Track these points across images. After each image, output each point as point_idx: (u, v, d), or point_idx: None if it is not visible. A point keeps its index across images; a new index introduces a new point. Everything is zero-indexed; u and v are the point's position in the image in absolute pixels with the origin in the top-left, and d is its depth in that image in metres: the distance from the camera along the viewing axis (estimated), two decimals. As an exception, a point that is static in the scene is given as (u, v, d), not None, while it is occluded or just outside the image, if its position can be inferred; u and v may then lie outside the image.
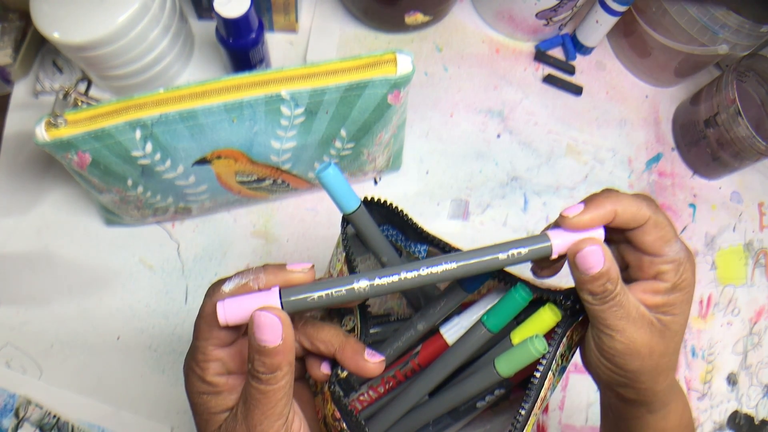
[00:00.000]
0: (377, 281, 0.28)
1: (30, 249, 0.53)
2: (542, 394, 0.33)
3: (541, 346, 0.33)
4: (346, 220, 0.36)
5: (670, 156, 0.66)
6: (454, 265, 0.29)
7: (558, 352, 0.33)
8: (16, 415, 0.49)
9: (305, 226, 0.57)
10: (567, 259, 0.30)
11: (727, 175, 0.66)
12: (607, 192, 0.29)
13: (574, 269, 0.29)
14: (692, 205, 0.65)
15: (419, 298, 0.39)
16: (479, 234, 0.58)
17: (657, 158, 0.66)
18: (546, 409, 0.55)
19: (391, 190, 0.59)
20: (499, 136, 0.63)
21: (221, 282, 0.28)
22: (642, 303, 0.29)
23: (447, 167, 0.61)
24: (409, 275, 0.28)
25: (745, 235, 0.65)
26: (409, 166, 0.60)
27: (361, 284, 0.28)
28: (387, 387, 0.40)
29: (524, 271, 0.35)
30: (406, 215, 0.36)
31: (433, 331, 0.38)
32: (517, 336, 0.34)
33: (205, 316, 0.27)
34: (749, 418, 0.59)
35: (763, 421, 0.59)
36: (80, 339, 0.51)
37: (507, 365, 0.33)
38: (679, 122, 0.67)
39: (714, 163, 0.63)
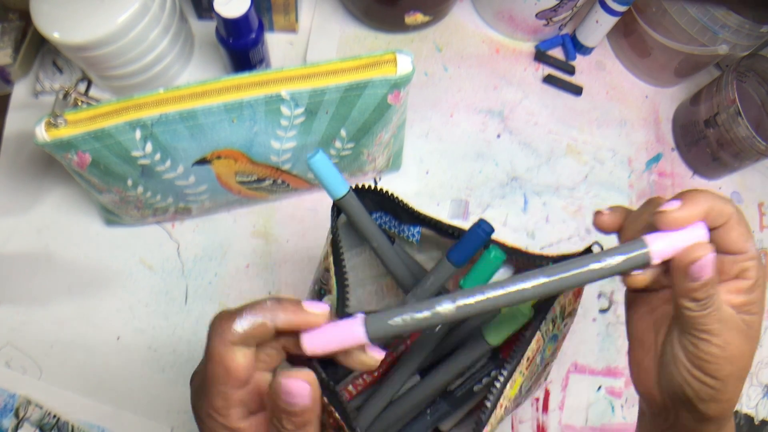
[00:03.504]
0: (461, 302, 0.26)
1: (30, 249, 0.53)
2: (529, 353, 0.33)
3: (526, 310, 0.34)
4: (337, 208, 0.37)
5: (670, 156, 0.66)
6: (543, 280, 0.27)
7: (548, 317, 0.34)
8: (16, 415, 0.49)
9: (305, 226, 0.57)
10: (671, 265, 0.28)
11: (727, 175, 0.66)
12: (695, 190, 0.29)
13: (682, 277, 0.27)
14: (692, 205, 0.65)
15: (411, 282, 0.40)
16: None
17: (657, 158, 0.66)
18: (546, 409, 0.55)
19: (391, 190, 0.59)
20: (499, 136, 0.63)
21: (229, 318, 0.26)
22: (727, 304, 0.28)
23: (447, 167, 0.61)
24: (496, 293, 0.27)
25: (745, 235, 0.65)
26: (409, 166, 0.60)
27: (445, 307, 0.26)
28: (380, 370, 0.40)
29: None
30: (397, 198, 0.38)
31: None
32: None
33: (221, 360, 0.25)
34: (749, 418, 0.59)
35: (763, 421, 0.59)
36: (80, 339, 0.51)
37: (495, 332, 0.34)
38: (679, 122, 0.67)
39: (714, 164, 0.63)
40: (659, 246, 0.27)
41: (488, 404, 0.32)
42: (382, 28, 0.64)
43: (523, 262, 0.37)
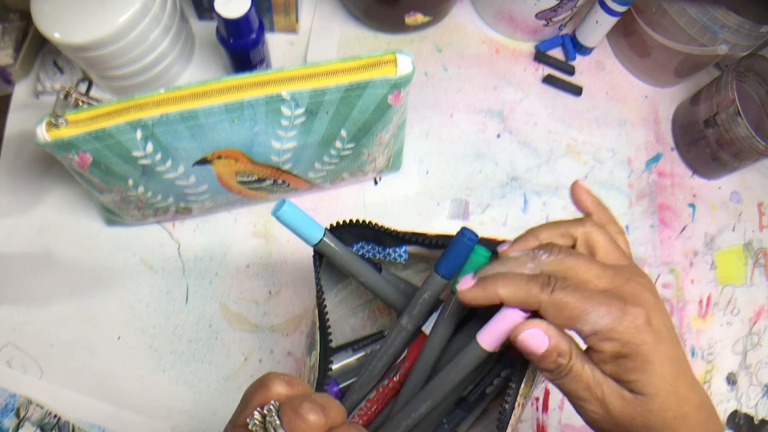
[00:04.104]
0: None
1: (30, 249, 0.53)
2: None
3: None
4: (319, 254, 0.36)
5: (669, 156, 0.66)
6: (429, 404, 0.33)
7: None
8: (17, 414, 0.49)
9: (305, 226, 0.57)
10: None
11: (726, 175, 0.66)
12: (502, 276, 0.29)
13: (523, 352, 0.28)
14: (692, 205, 0.65)
15: (404, 302, 0.39)
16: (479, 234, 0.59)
17: (657, 158, 0.66)
18: (546, 409, 0.55)
19: (391, 190, 0.59)
20: (499, 136, 0.63)
21: None
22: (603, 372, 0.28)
23: (447, 167, 0.61)
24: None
25: (744, 235, 0.65)
26: (409, 166, 0.60)
27: None
28: (384, 397, 0.39)
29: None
30: (376, 224, 0.37)
31: (417, 333, 0.38)
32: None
33: None
34: (749, 418, 0.59)
35: (762, 421, 0.59)
36: (80, 339, 0.51)
37: (488, 337, 0.33)
38: (678, 122, 0.67)
39: (713, 163, 0.63)
40: (486, 338, 0.30)
41: (506, 406, 0.32)
42: (382, 29, 0.64)
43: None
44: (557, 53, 0.68)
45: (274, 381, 0.25)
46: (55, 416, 0.49)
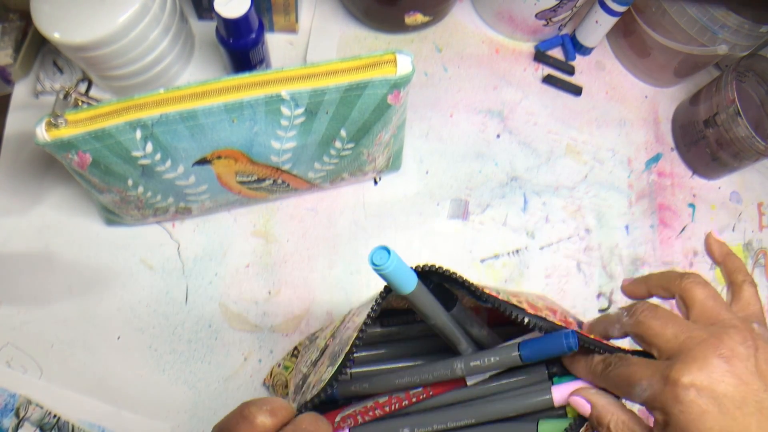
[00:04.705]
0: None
1: (30, 249, 0.53)
2: None
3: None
4: (388, 290, 0.33)
5: (669, 156, 0.66)
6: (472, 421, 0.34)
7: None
8: (17, 414, 0.49)
9: (305, 226, 0.57)
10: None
11: (726, 175, 0.66)
12: (579, 359, 0.33)
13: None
14: (691, 205, 0.65)
15: (468, 349, 0.38)
16: (479, 234, 0.59)
17: (656, 158, 0.66)
18: (546, 409, 0.55)
19: (391, 190, 0.59)
20: (498, 136, 0.63)
21: None
22: None
23: (447, 167, 0.61)
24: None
25: (744, 235, 0.65)
26: (409, 166, 0.60)
27: None
28: (394, 406, 0.39)
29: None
30: (477, 290, 0.33)
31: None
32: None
33: None
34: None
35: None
36: (80, 339, 0.51)
37: (551, 428, 0.34)
38: (678, 122, 0.67)
39: (713, 163, 0.63)
40: (557, 395, 0.33)
41: None
42: (382, 29, 0.64)
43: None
44: (557, 53, 0.68)
45: (256, 414, 0.23)
46: (55, 416, 0.49)
